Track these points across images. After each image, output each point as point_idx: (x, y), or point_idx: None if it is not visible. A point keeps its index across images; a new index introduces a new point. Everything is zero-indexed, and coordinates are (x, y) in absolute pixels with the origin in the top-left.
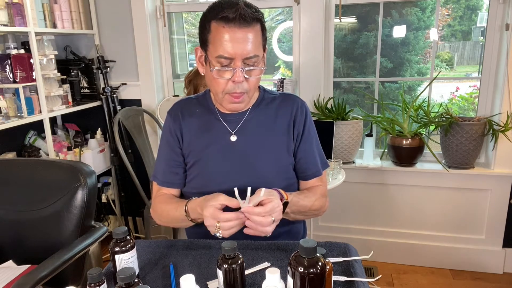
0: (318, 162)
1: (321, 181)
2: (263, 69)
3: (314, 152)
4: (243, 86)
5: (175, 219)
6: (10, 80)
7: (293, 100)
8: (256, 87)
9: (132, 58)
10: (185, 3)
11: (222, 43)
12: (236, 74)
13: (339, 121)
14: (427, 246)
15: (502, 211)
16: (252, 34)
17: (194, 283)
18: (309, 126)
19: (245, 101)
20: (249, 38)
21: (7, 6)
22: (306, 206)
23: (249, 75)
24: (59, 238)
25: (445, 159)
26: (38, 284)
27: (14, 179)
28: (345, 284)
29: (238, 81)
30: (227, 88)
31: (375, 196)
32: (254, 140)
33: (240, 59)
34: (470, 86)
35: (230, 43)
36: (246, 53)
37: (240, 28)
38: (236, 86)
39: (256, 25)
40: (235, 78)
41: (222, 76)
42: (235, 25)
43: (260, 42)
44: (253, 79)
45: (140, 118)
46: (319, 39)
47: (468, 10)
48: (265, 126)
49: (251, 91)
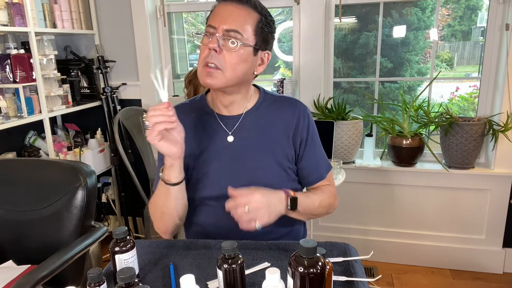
0: (322, 167)
1: (329, 181)
2: (240, 46)
3: (317, 157)
4: (217, 58)
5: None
6: (10, 80)
7: (295, 104)
8: (236, 71)
9: (132, 58)
10: (185, 3)
11: (212, 15)
12: (212, 39)
13: (339, 121)
14: (427, 246)
15: (502, 211)
16: (241, 12)
17: (194, 283)
18: (312, 131)
19: (217, 78)
20: (235, 13)
21: (7, 6)
22: (314, 203)
23: (225, 47)
24: (59, 238)
25: (445, 159)
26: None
27: (14, 179)
28: (345, 284)
29: (212, 47)
30: (204, 58)
31: (375, 196)
32: (252, 141)
33: (221, 30)
34: (470, 86)
35: (218, 14)
36: (226, 23)
37: (231, 4)
38: (211, 55)
39: (250, 9)
40: (210, 43)
41: (203, 42)
42: (229, 2)
43: (251, 27)
44: (228, 54)
45: (140, 118)
46: (319, 39)
47: (468, 10)
48: (263, 128)
49: (227, 69)
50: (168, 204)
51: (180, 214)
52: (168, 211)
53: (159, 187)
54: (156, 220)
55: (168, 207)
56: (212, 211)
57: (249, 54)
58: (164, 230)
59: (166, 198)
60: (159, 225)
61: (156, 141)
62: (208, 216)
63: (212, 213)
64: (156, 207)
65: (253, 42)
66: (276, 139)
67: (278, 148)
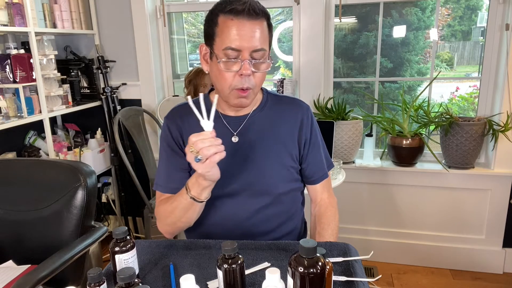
0: (325, 166)
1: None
2: (270, 63)
3: (321, 157)
4: (250, 81)
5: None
6: (10, 80)
7: (298, 105)
8: (262, 84)
9: (132, 58)
10: (185, 3)
11: (230, 35)
12: (244, 66)
13: (339, 121)
14: (427, 246)
15: (502, 211)
16: (260, 27)
17: (194, 283)
18: (316, 131)
19: (250, 97)
20: (257, 31)
21: (7, 6)
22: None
23: (256, 69)
24: (59, 238)
25: (445, 159)
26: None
27: (14, 179)
28: (345, 284)
29: (246, 74)
30: (234, 83)
31: (375, 196)
32: (257, 142)
33: (248, 52)
34: (470, 86)
35: (238, 35)
36: (254, 45)
37: (248, 20)
38: (243, 80)
39: (263, 20)
40: (243, 70)
41: (230, 68)
42: (244, 17)
43: (266, 37)
44: (260, 74)
45: (140, 118)
46: (319, 39)
47: (468, 10)
48: (268, 128)
49: (257, 86)
50: (189, 216)
51: (193, 222)
52: (185, 221)
53: (181, 201)
54: (166, 224)
55: (188, 218)
56: (215, 211)
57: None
58: (172, 233)
59: (188, 211)
60: (167, 229)
61: (208, 171)
62: (211, 216)
63: (215, 213)
64: (172, 216)
65: (269, 49)
66: (280, 139)
67: (282, 148)
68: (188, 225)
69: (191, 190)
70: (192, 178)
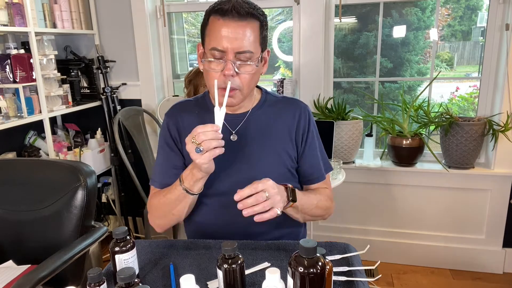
0: (322, 167)
1: (326, 184)
2: (256, 66)
3: (318, 157)
4: (235, 81)
5: (170, 200)
6: (10, 80)
7: (296, 104)
8: (251, 85)
9: (132, 58)
10: (185, 3)
11: (216, 35)
12: (227, 66)
13: (339, 121)
14: (427, 246)
15: (502, 211)
16: (247, 29)
17: (194, 283)
18: (313, 130)
19: (237, 97)
20: (242, 33)
21: (7, 6)
22: (312, 202)
23: (240, 71)
24: (59, 238)
25: (445, 159)
26: (38, 284)
27: (14, 179)
28: (345, 284)
29: (228, 74)
30: (219, 82)
31: (375, 196)
32: (254, 141)
33: (232, 53)
34: (470, 86)
35: (223, 36)
36: (238, 47)
37: (235, 22)
38: (227, 80)
39: (252, 21)
40: (225, 71)
41: (214, 68)
42: (230, 18)
43: (256, 39)
44: (246, 76)
45: (140, 118)
46: (319, 39)
47: (468, 10)
48: (266, 127)
49: (244, 88)
50: (180, 208)
51: (185, 216)
52: (177, 213)
53: (174, 192)
54: (157, 217)
55: (179, 211)
56: (212, 209)
57: (258, 63)
58: (163, 226)
59: (180, 203)
60: (159, 222)
61: (206, 163)
62: (209, 214)
63: (213, 212)
64: (164, 208)
65: (260, 51)
66: (278, 139)
67: (280, 147)
68: (178, 219)
69: (184, 182)
70: (186, 170)
